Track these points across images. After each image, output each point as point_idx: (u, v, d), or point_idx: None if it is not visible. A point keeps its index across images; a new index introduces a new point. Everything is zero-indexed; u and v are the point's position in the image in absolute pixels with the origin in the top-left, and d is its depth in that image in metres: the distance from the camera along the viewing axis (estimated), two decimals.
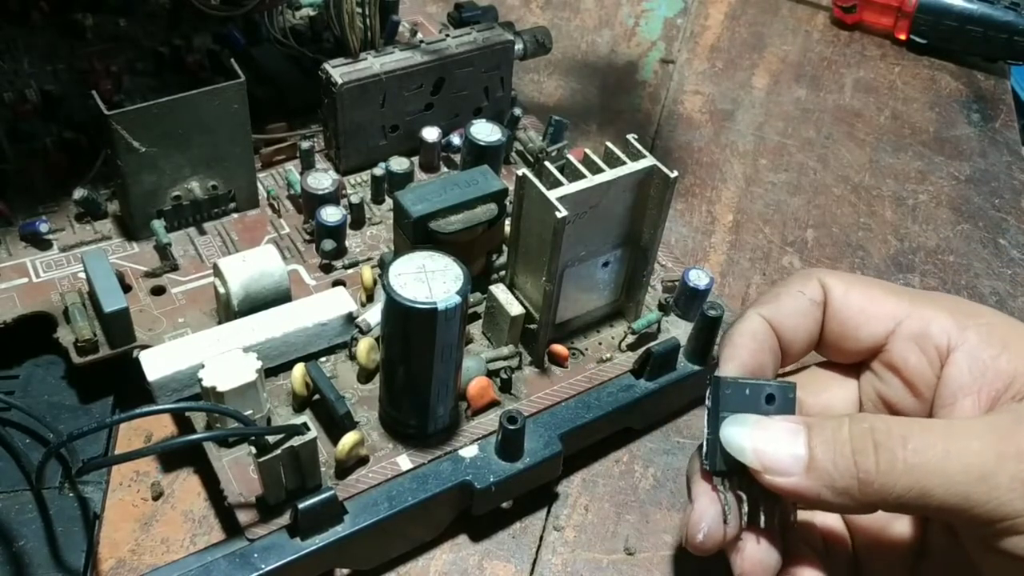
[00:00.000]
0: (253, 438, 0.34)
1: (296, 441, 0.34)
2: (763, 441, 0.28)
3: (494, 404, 0.41)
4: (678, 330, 0.44)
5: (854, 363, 0.34)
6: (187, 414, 0.39)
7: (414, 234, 0.41)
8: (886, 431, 0.26)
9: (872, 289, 0.32)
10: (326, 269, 0.46)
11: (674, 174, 0.39)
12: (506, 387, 0.41)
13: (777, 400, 0.29)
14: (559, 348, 0.43)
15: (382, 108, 0.49)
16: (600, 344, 0.44)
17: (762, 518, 0.31)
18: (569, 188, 0.38)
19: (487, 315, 0.43)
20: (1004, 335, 0.29)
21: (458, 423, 0.40)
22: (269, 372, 0.40)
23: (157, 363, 0.38)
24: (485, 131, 0.48)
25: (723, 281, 0.54)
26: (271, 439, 0.34)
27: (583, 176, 0.39)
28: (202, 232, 0.47)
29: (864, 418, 0.27)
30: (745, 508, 0.31)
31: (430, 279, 0.35)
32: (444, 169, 0.52)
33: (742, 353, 0.31)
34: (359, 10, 0.48)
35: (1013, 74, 0.75)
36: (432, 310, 0.34)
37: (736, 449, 0.29)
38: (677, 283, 0.45)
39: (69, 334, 0.40)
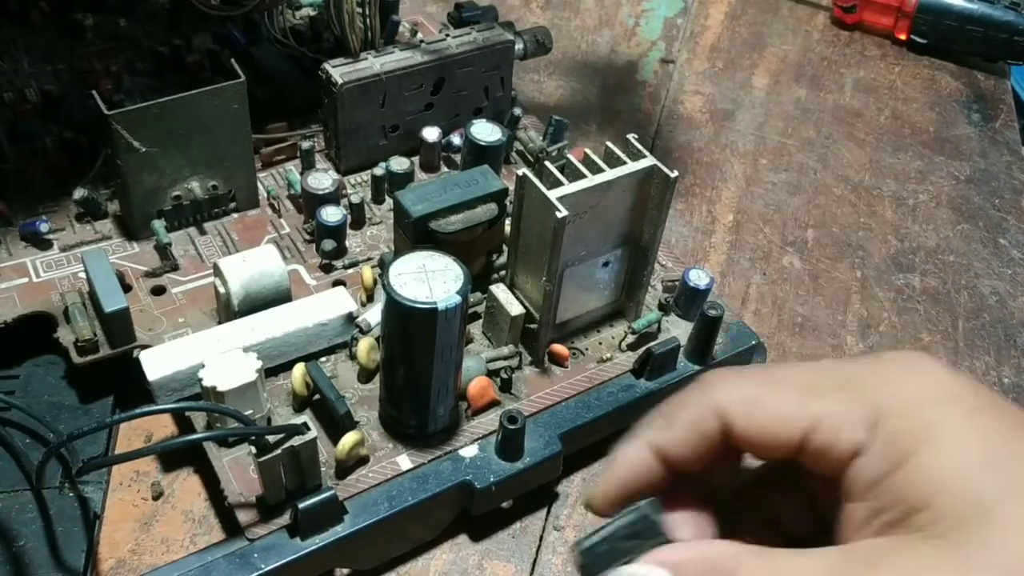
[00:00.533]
0: (253, 438, 0.34)
1: (296, 441, 0.34)
2: None
3: (494, 404, 0.40)
4: (678, 330, 0.44)
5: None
6: (187, 414, 0.39)
7: (414, 234, 0.41)
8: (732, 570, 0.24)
9: (778, 400, 0.27)
10: (326, 269, 0.46)
11: (674, 174, 0.39)
12: (506, 387, 0.41)
13: (641, 533, 0.26)
14: (559, 348, 0.43)
15: (382, 108, 0.49)
16: (600, 344, 0.44)
17: None
18: (569, 188, 0.38)
19: (487, 315, 0.43)
20: (911, 445, 0.24)
21: (458, 423, 0.40)
22: (269, 372, 0.40)
23: (157, 363, 0.38)
24: (485, 131, 0.48)
25: (723, 281, 0.54)
26: (271, 439, 0.34)
27: (583, 176, 0.39)
28: (202, 232, 0.47)
29: (728, 561, 0.24)
30: None
31: (430, 279, 0.35)
32: (444, 169, 0.52)
33: (615, 482, 0.28)
34: (359, 10, 0.48)
35: (1013, 74, 0.75)
36: (432, 310, 0.34)
37: None
38: (677, 283, 0.45)
39: (69, 334, 0.40)
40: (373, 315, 0.42)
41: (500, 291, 0.42)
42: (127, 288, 0.43)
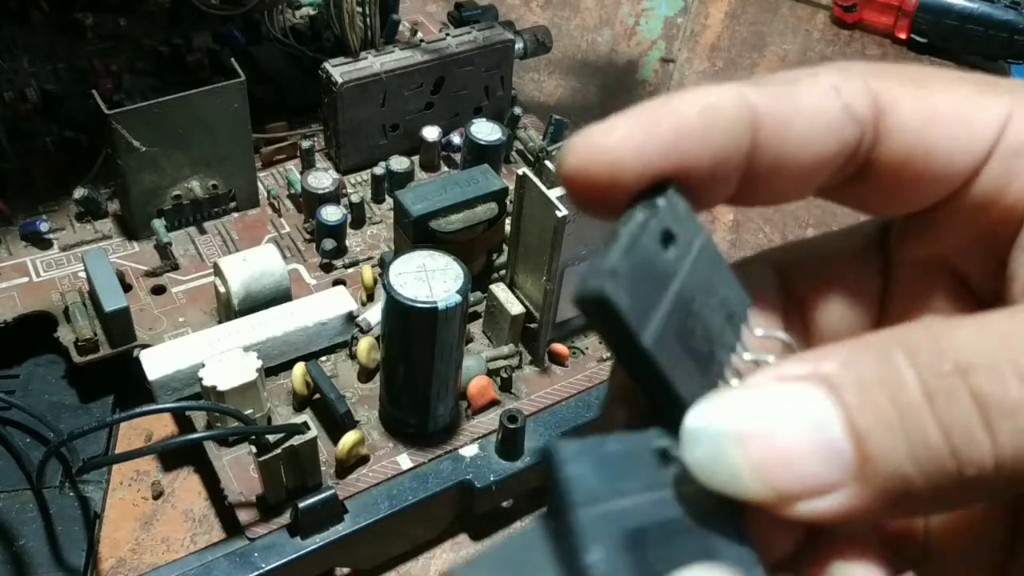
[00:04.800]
0: (253, 437, 0.34)
1: (296, 440, 0.34)
2: (763, 438, 0.14)
3: (494, 403, 0.40)
4: None
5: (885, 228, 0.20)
6: (187, 413, 0.39)
7: (414, 233, 0.41)
8: (993, 368, 0.13)
9: (959, 88, 0.18)
10: (326, 268, 0.46)
11: None
12: (506, 386, 0.41)
13: (676, 231, 0.15)
14: (559, 347, 0.43)
15: (382, 107, 0.49)
16: (600, 343, 0.44)
17: None
18: None
19: (487, 314, 0.43)
20: None
21: (458, 422, 0.40)
22: (269, 371, 0.40)
23: (157, 362, 0.38)
24: (485, 130, 0.48)
25: None
26: (271, 438, 0.34)
27: None
28: (202, 231, 0.47)
29: (938, 343, 0.14)
30: None
31: (430, 278, 0.35)
32: (444, 168, 0.52)
33: (668, 118, 0.16)
34: (359, 9, 0.48)
35: (1013, 73, 0.74)
36: (432, 309, 0.34)
37: (717, 470, 0.14)
38: None
39: (69, 333, 0.40)
40: (373, 314, 0.42)
41: (500, 290, 0.42)
42: (127, 287, 0.43)
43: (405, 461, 0.38)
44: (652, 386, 0.15)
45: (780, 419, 0.14)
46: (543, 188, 0.37)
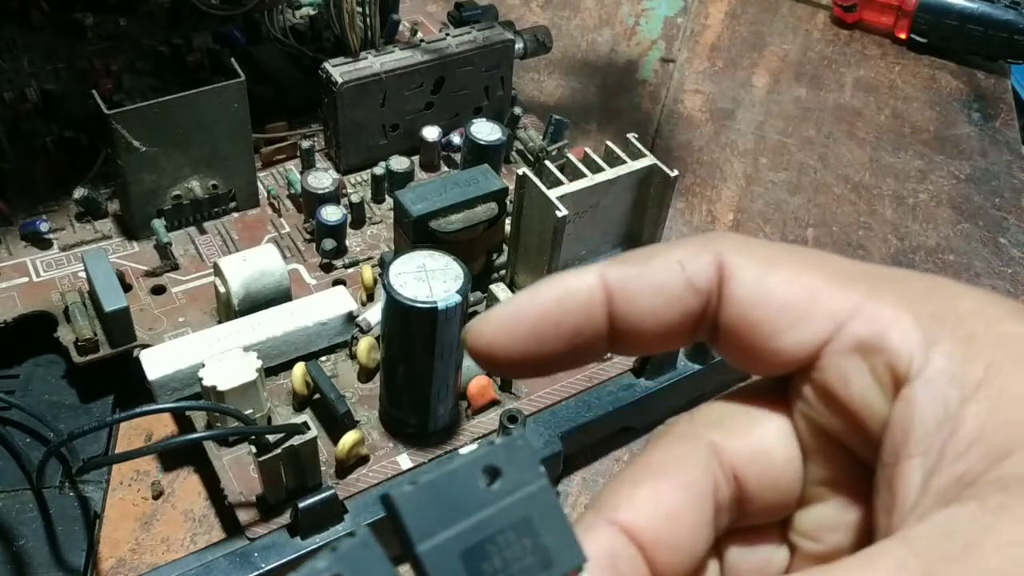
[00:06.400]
0: (253, 437, 0.34)
1: (296, 440, 0.34)
2: None
3: (494, 403, 0.40)
4: None
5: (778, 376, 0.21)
6: (187, 413, 0.39)
7: (414, 233, 0.41)
8: None
9: (803, 272, 0.19)
10: (326, 268, 0.46)
11: (674, 173, 0.39)
12: (506, 386, 0.41)
13: (505, 471, 0.17)
14: None
15: (382, 107, 0.49)
16: None
17: None
18: (569, 187, 0.38)
19: None
20: (990, 359, 0.17)
21: (458, 422, 0.40)
22: (269, 371, 0.40)
23: (157, 362, 0.38)
24: (485, 130, 0.48)
25: None
26: (271, 438, 0.34)
27: (583, 175, 0.39)
28: (202, 231, 0.47)
29: None
30: None
31: (430, 278, 0.35)
32: (444, 168, 0.52)
33: (530, 308, 0.19)
34: (359, 9, 0.48)
35: (1013, 73, 0.74)
36: (432, 309, 0.34)
37: None
38: None
39: (69, 333, 0.40)
40: (373, 314, 0.42)
41: (500, 290, 0.42)
42: (127, 287, 0.43)
43: (405, 461, 0.38)
44: None
45: None
46: (543, 188, 0.38)
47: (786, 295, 0.18)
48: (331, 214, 0.45)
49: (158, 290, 0.44)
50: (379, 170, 0.49)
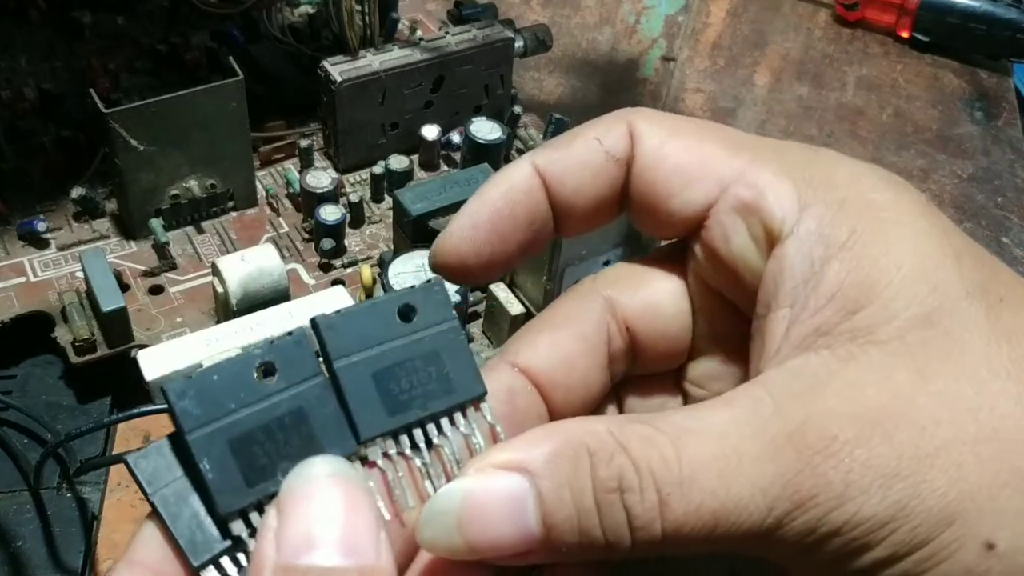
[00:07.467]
0: None
1: None
2: (476, 519, 0.18)
3: None
4: None
5: (679, 239, 0.23)
6: None
7: (414, 233, 0.40)
8: (637, 468, 0.17)
9: (701, 141, 0.21)
10: (325, 268, 0.45)
11: None
12: None
13: (420, 310, 0.20)
14: None
15: (381, 106, 0.49)
16: None
17: None
18: None
19: (487, 314, 0.43)
20: (855, 223, 0.18)
21: None
22: None
23: (155, 363, 0.38)
24: (485, 129, 0.48)
25: None
26: None
27: None
28: (200, 231, 0.47)
29: (613, 460, 0.17)
30: None
31: None
32: (444, 167, 0.52)
33: (484, 211, 0.21)
34: (358, 7, 0.47)
35: (1016, 72, 0.74)
36: None
37: (438, 535, 0.18)
38: None
39: (67, 333, 0.40)
40: None
41: (500, 290, 0.42)
42: (125, 287, 0.43)
43: None
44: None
45: (488, 504, 0.18)
46: None
47: (681, 160, 0.21)
48: (330, 213, 0.45)
49: (156, 290, 0.43)
50: (378, 169, 0.49)
